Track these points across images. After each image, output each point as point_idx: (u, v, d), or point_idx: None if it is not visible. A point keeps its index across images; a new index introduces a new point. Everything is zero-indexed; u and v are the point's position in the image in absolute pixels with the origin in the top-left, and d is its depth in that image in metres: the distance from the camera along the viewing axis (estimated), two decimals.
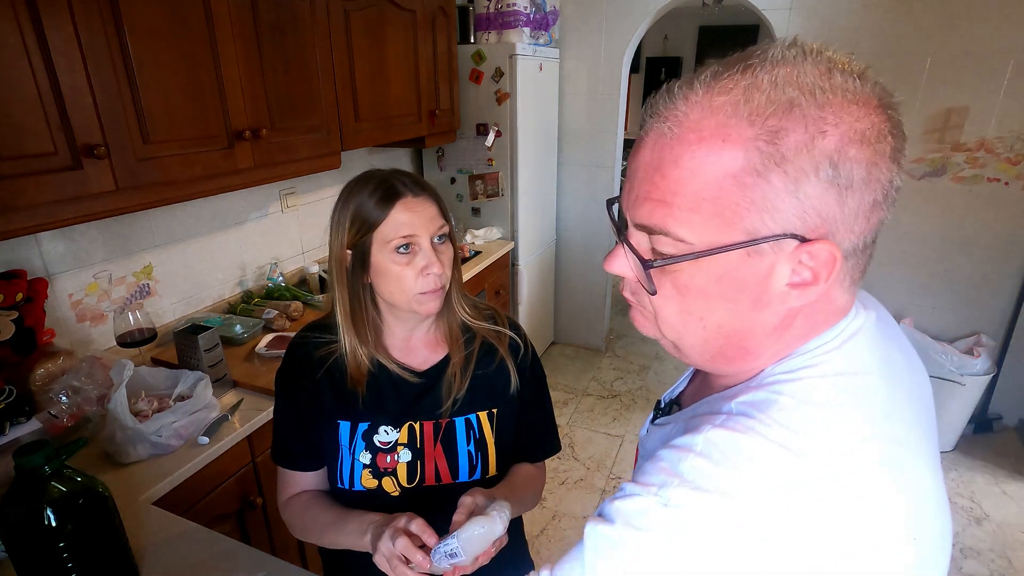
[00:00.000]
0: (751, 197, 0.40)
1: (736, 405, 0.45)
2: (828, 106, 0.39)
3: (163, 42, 1.27)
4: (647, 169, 0.44)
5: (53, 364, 1.31)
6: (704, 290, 0.44)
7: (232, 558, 0.97)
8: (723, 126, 0.40)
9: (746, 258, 0.42)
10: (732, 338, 0.47)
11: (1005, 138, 2.44)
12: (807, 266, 0.42)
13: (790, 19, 2.64)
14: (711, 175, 0.40)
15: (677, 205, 0.42)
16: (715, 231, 0.42)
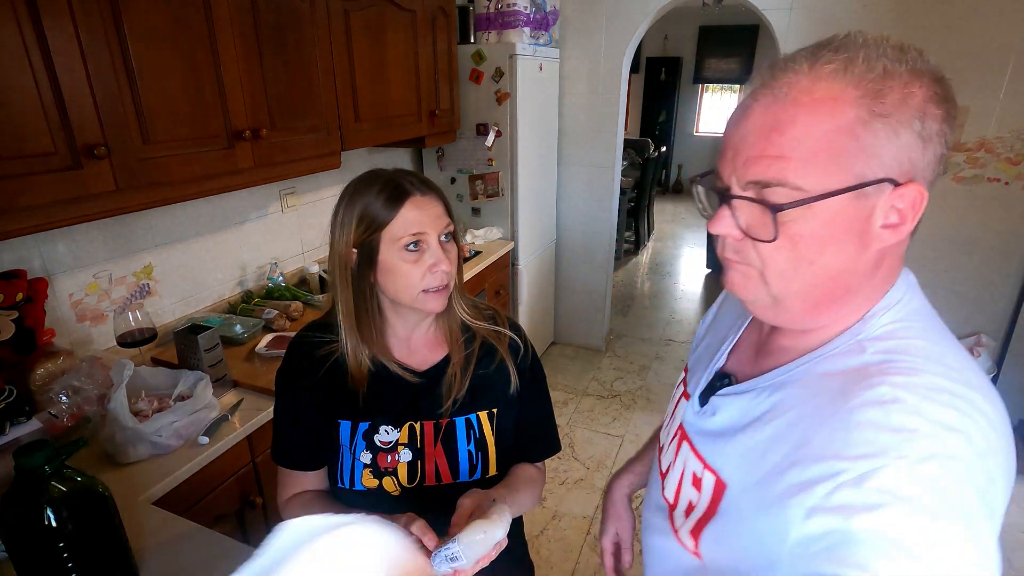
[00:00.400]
0: (860, 145, 0.47)
1: (872, 355, 0.51)
2: (914, 74, 0.48)
3: (163, 42, 1.27)
4: (761, 131, 0.50)
5: (53, 364, 1.31)
6: (816, 234, 0.50)
7: (232, 558, 0.97)
8: (832, 89, 0.48)
9: (854, 201, 0.48)
10: (838, 279, 0.52)
11: (1005, 138, 2.44)
12: (897, 208, 0.49)
13: (790, 19, 2.64)
14: (826, 129, 0.47)
15: (794, 158, 0.48)
16: (829, 177, 0.48)
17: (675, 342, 3.84)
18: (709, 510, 0.60)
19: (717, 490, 0.59)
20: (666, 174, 8.48)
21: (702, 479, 0.62)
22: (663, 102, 8.18)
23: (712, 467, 0.61)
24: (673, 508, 0.67)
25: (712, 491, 0.60)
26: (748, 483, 0.55)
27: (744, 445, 0.57)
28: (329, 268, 0.86)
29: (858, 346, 0.53)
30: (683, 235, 6.49)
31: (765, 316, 0.58)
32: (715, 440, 0.62)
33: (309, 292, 2.11)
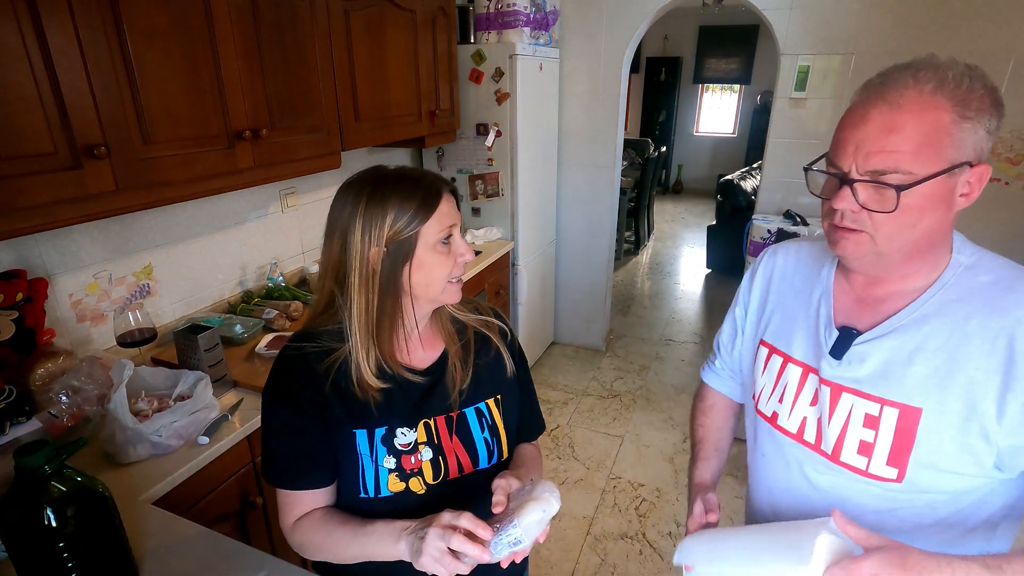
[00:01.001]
0: (953, 139, 0.65)
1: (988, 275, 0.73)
2: (980, 87, 0.66)
3: (163, 42, 1.27)
4: (880, 131, 0.67)
5: (53, 364, 1.31)
6: (919, 205, 0.67)
7: (232, 558, 0.97)
8: (932, 100, 0.66)
9: (946, 180, 0.67)
10: (931, 235, 0.71)
11: (1005, 138, 2.44)
12: (969, 182, 0.68)
13: (790, 19, 2.64)
14: (929, 129, 0.65)
15: (906, 151, 0.66)
16: (932, 164, 0.66)
17: (675, 342, 3.84)
18: (901, 440, 0.72)
19: (908, 418, 0.72)
20: (666, 174, 8.48)
21: (880, 416, 0.74)
22: (663, 102, 8.18)
23: (895, 401, 0.73)
24: (837, 455, 0.78)
25: (897, 421, 0.72)
26: (948, 401, 0.70)
27: (924, 371, 0.72)
28: (336, 273, 0.82)
29: (968, 272, 0.73)
30: (683, 235, 6.48)
31: (865, 267, 0.76)
32: (884, 379, 0.75)
33: (309, 292, 2.11)
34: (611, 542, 2.20)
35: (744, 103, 8.07)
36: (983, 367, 0.68)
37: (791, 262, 0.92)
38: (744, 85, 7.91)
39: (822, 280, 0.85)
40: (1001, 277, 0.71)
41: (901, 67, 0.68)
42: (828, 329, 0.81)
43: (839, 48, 2.60)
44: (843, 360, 0.78)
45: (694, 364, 3.54)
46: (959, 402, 0.69)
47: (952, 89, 0.65)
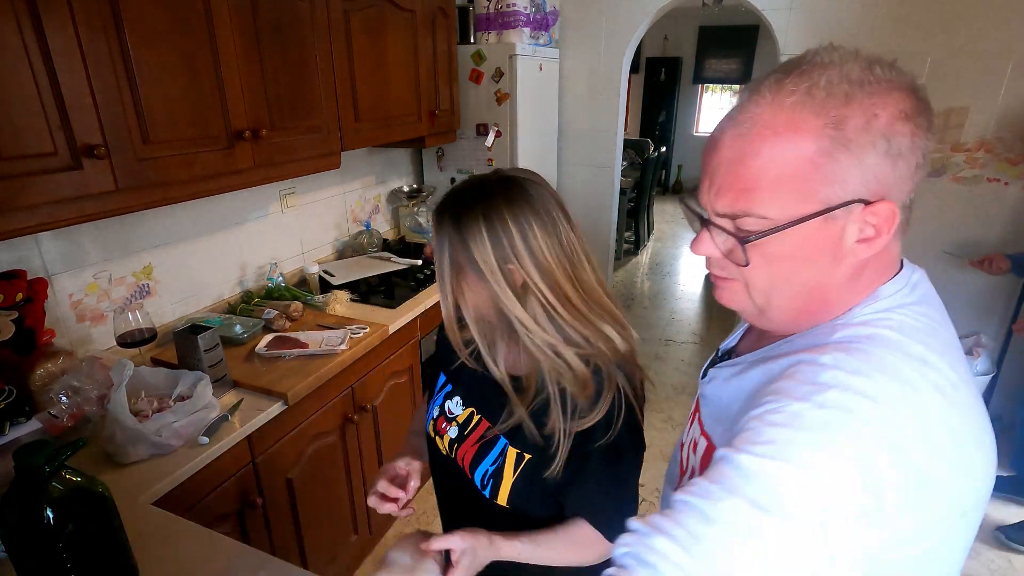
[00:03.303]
0: (823, 174, 0.49)
1: (839, 338, 0.53)
2: (875, 95, 0.48)
3: (163, 42, 1.27)
4: (728, 164, 0.52)
5: (53, 364, 1.31)
6: (790, 255, 0.53)
7: (232, 558, 0.97)
8: (794, 120, 0.49)
9: (823, 224, 0.51)
10: (815, 292, 0.55)
11: (1005, 138, 2.44)
12: (871, 223, 0.51)
13: (790, 19, 2.64)
14: (788, 159, 0.49)
15: (760, 188, 0.51)
16: (795, 206, 0.50)
17: (675, 342, 3.84)
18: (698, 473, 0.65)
19: (707, 454, 0.64)
20: (666, 174, 8.47)
21: (698, 443, 0.68)
22: (663, 102, 8.18)
23: (706, 432, 0.66)
24: (682, 477, 0.74)
25: (702, 455, 0.66)
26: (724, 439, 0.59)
27: (723, 407, 0.63)
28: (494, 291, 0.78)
29: (831, 329, 0.55)
30: (683, 235, 6.48)
31: (757, 323, 0.62)
32: (707, 405, 0.68)
33: (309, 292, 2.11)
34: None
35: None
36: None
37: None
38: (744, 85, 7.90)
39: None
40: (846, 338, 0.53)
41: (777, 69, 0.53)
42: (723, 348, 0.75)
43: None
44: (703, 379, 0.73)
45: (694, 364, 3.54)
46: None
47: (822, 102, 0.48)
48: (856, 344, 0.51)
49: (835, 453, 0.45)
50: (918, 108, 0.50)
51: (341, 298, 2.01)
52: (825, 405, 0.47)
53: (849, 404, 0.46)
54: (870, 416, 0.46)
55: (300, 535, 1.66)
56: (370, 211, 2.67)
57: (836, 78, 0.49)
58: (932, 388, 0.48)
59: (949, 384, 0.49)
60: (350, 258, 2.45)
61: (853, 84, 0.49)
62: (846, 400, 0.47)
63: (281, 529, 1.59)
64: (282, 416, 1.49)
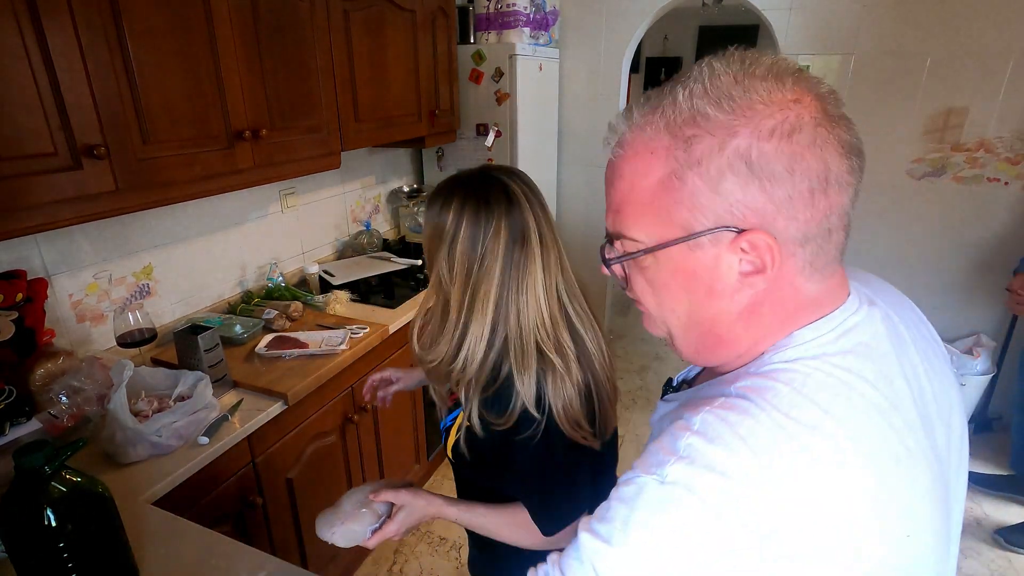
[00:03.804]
0: (677, 198, 0.46)
1: (736, 389, 0.48)
2: (737, 110, 0.44)
3: (163, 42, 1.27)
4: (606, 186, 0.52)
5: (53, 364, 1.31)
6: (666, 283, 0.51)
7: (232, 558, 0.97)
8: (650, 141, 0.47)
9: (689, 252, 0.48)
10: (702, 326, 0.51)
11: (1005, 138, 2.44)
12: (750, 255, 0.46)
13: (790, 19, 2.64)
14: (644, 184, 0.48)
15: (625, 212, 0.50)
16: (657, 230, 0.48)
17: None
18: None
19: None
20: None
21: None
22: None
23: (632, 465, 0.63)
24: None
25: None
26: None
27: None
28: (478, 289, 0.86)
29: (734, 377, 0.50)
30: None
31: (673, 351, 0.57)
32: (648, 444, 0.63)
33: (309, 292, 2.11)
34: None
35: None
36: None
37: None
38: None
39: None
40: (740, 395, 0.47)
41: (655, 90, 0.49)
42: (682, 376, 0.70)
43: (839, 48, 2.60)
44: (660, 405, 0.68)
45: None
46: None
47: (675, 122, 0.45)
48: (741, 401, 0.46)
49: (664, 535, 0.43)
50: (797, 124, 0.43)
51: (341, 298, 2.01)
52: (667, 481, 0.44)
53: (693, 481, 0.43)
54: (713, 494, 0.42)
55: (300, 535, 1.66)
56: (370, 211, 2.67)
57: (697, 93, 0.45)
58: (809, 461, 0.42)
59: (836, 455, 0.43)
60: (350, 258, 2.45)
61: (711, 100, 0.44)
62: (691, 476, 0.43)
63: (281, 529, 1.59)
64: (282, 416, 1.49)
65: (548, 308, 0.86)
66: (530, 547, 0.90)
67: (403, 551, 2.12)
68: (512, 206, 0.87)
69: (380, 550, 2.11)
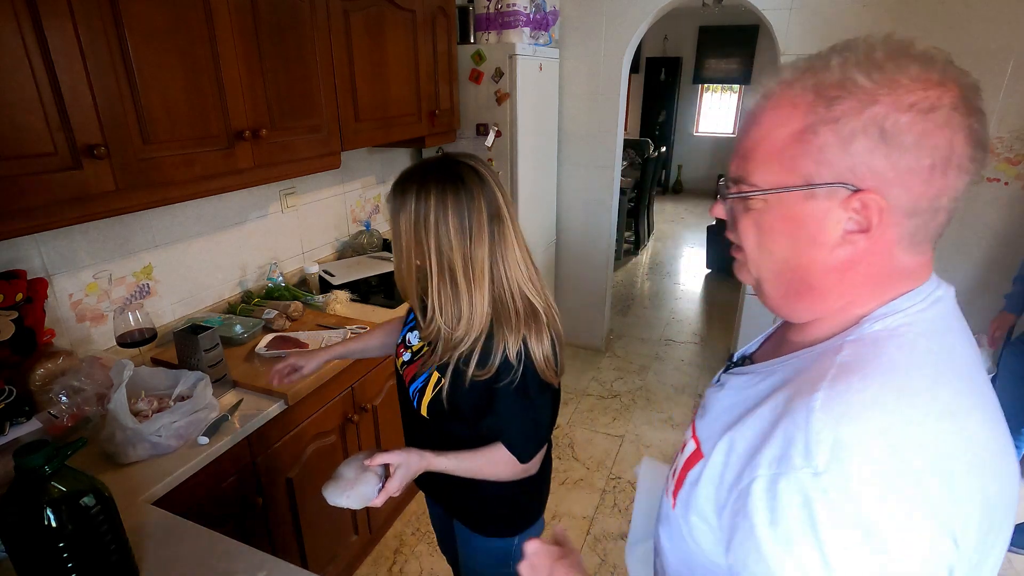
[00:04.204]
0: (806, 149, 0.50)
1: (843, 358, 0.51)
2: (883, 82, 0.47)
3: (163, 42, 1.27)
4: (740, 132, 0.57)
5: (53, 364, 1.31)
6: (772, 226, 0.55)
7: (232, 558, 0.97)
8: (796, 96, 0.51)
9: (803, 201, 0.52)
10: (796, 272, 0.55)
11: (1005, 138, 2.44)
12: (859, 215, 0.50)
13: (790, 19, 2.64)
14: (779, 133, 0.52)
15: (753, 157, 0.55)
16: (779, 176, 0.53)
17: (675, 342, 3.84)
18: (681, 474, 0.64)
19: (693, 458, 0.63)
20: (666, 174, 8.48)
21: (687, 445, 0.66)
22: (663, 102, 8.18)
23: (697, 436, 0.64)
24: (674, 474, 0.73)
25: (687, 457, 0.64)
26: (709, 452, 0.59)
27: (720, 417, 0.61)
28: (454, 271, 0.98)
29: (839, 347, 0.53)
30: (683, 235, 6.49)
31: (759, 298, 0.62)
32: (707, 412, 0.66)
33: (309, 292, 2.11)
34: (611, 542, 2.20)
35: (744, 103, 8.07)
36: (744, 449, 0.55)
37: None
38: (744, 85, 7.90)
39: None
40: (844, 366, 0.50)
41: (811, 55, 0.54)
42: (741, 353, 0.75)
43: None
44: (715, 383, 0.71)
45: (694, 364, 3.54)
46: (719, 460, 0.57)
47: (824, 82, 0.50)
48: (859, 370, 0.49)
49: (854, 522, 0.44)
50: (936, 104, 0.46)
51: (341, 298, 2.01)
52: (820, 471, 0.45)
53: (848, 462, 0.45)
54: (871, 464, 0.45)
55: (300, 535, 1.66)
56: (370, 211, 2.67)
57: (848, 61, 0.49)
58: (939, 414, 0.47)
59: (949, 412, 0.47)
60: (350, 258, 2.45)
61: (863, 69, 0.48)
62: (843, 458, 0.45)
63: (281, 529, 1.59)
64: (282, 416, 1.49)
65: (527, 269, 1.03)
66: (508, 478, 1.06)
67: (403, 551, 2.12)
68: (484, 184, 0.97)
69: (380, 550, 2.11)
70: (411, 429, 1.20)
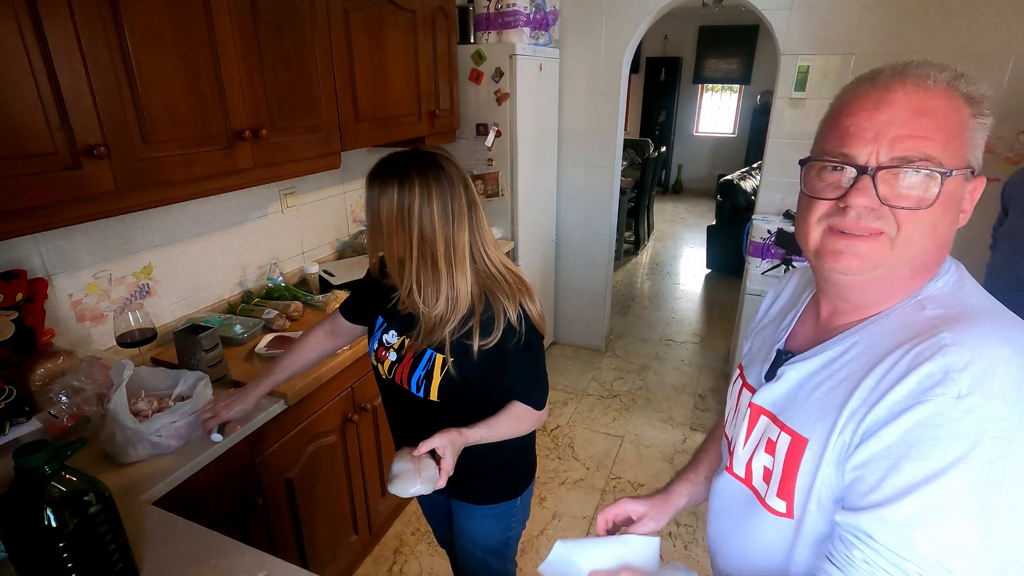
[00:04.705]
0: (970, 137, 0.59)
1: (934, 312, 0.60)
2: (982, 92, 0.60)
3: (163, 42, 1.27)
4: (909, 114, 0.58)
5: (53, 364, 1.31)
6: (943, 203, 0.59)
7: (232, 558, 0.97)
8: (952, 90, 0.59)
9: (963, 182, 0.60)
10: (942, 247, 0.63)
11: (1005, 138, 2.44)
12: (971, 194, 0.62)
13: (790, 19, 2.64)
14: (955, 119, 0.59)
15: (937, 139, 0.58)
16: (958, 157, 0.59)
17: (675, 342, 3.84)
18: (789, 469, 0.66)
19: (796, 447, 0.65)
20: (666, 174, 8.48)
21: (776, 442, 0.68)
22: (663, 102, 8.18)
23: (790, 427, 0.67)
24: (749, 480, 0.74)
25: (788, 450, 0.66)
26: (825, 432, 0.62)
27: (823, 400, 0.64)
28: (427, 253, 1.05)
29: (918, 305, 0.62)
30: (683, 235, 6.49)
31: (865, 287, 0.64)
32: (790, 403, 0.68)
33: (309, 292, 2.11)
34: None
35: (744, 103, 8.07)
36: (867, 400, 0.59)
37: (792, 285, 0.87)
38: (744, 85, 7.91)
39: (799, 305, 0.79)
40: (945, 315, 0.59)
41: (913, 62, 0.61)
42: (775, 350, 0.76)
43: (839, 48, 2.60)
44: (770, 382, 0.73)
45: (694, 364, 3.54)
46: (844, 436, 0.60)
47: (965, 85, 0.59)
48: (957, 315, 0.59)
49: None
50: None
51: (341, 298, 2.01)
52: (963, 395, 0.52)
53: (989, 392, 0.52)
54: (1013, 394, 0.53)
55: (300, 535, 1.66)
56: None
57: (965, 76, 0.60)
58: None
59: None
60: (350, 258, 2.45)
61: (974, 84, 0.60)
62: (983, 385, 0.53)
63: (281, 529, 1.59)
64: (282, 416, 1.49)
65: (499, 248, 1.13)
66: (529, 430, 1.18)
67: (403, 551, 2.12)
68: (460, 173, 1.06)
69: (380, 550, 2.11)
70: (413, 423, 1.21)
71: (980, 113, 0.59)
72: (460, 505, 1.30)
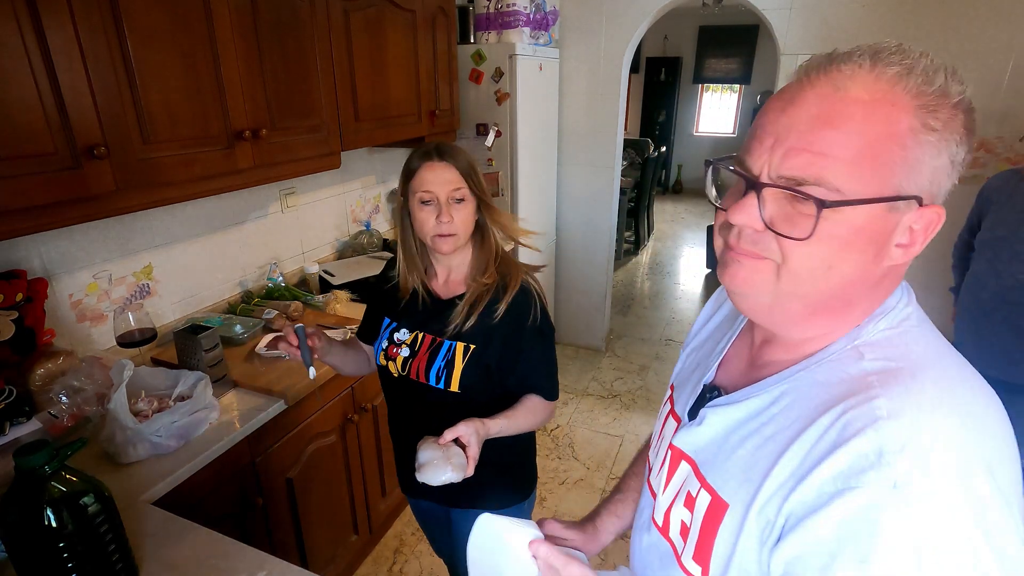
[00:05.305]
0: (906, 156, 0.45)
1: (872, 364, 0.49)
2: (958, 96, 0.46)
3: (163, 42, 1.27)
4: (811, 122, 0.47)
5: (53, 364, 1.31)
6: (844, 238, 0.47)
7: (232, 558, 0.97)
8: (891, 92, 0.45)
9: (885, 213, 0.47)
10: (846, 289, 0.50)
11: (1005, 138, 2.44)
12: (915, 228, 0.48)
13: (790, 19, 2.64)
14: (879, 133, 0.45)
15: (840, 158, 0.46)
16: (869, 184, 0.46)
17: (675, 342, 3.84)
18: (706, 532, 0.56)
19: (715, 510, 0.56)
20: (666, 174, 8.48)
21: (696, 498, 0.59)
22: (663, 102, 8.18)
23: (711, 485, 0.57)
24: (666, 531, 0.64)
25: (707, 510, 0.57)
26: (747, 501, 0.52)
27: (741, 459, 0.54)
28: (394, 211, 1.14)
29: (855, 352, 0.51)
30: (683, 235, 6.49)
31: (757, 315, 0.55)
32: (713, 456, 0.58)
33: (309, 292, 2.11)
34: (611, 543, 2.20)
35: (744, 103, 8.07)
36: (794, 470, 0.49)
37: None
38: (744, 85, 7.91)
39: (736, 327, 0.68)
40: (884, 369, 0.49)
41: (862, 46, 0.48)
42: (701, 383, 0.66)
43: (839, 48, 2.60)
44: (691, 422, 0.63)
45: None
46: (768, 512, 0.50)
47: (919, 84, 0.45)
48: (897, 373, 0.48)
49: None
50: (974, 128, 0.47)
51: (341, 298, 2.01)
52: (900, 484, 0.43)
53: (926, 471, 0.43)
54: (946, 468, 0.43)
55: (300, 535, 1.66)
56: (370, 211, 2.67)
57: (929, 67, 0.46)
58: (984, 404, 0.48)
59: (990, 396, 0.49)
60: (350, 258, 2.45)
61: (945, 77, 0.46)
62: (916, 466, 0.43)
63: (281, 529, 1.59)
64: (282, 416, 1.49)
65: None
66: (543, 422, 1.18)
67: (403, 551, 2.12)
68: None
69: (380, 550, 2.11)
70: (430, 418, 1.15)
71: (932, 125, 0.45)
72: (462, 513, 1.26)
